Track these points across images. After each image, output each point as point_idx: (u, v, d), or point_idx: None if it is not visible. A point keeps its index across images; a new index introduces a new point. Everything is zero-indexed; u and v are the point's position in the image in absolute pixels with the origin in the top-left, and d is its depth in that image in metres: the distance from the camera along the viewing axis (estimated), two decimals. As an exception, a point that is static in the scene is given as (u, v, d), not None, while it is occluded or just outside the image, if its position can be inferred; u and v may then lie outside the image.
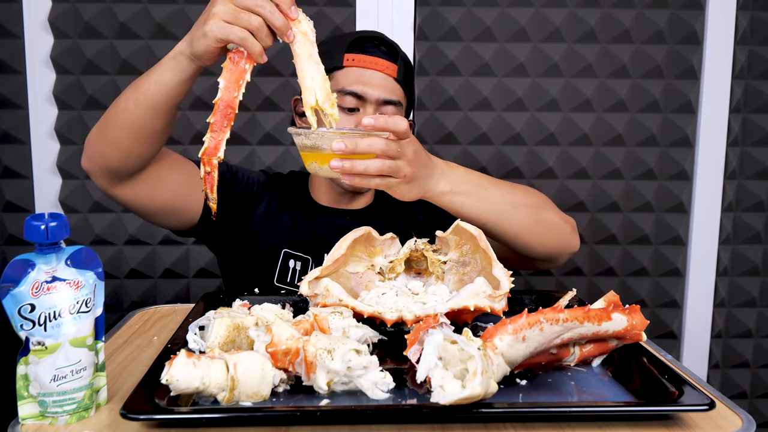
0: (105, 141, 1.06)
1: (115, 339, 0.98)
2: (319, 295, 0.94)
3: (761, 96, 1.86)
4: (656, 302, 1.92)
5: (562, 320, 0.75)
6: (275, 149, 1.80)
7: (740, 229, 1.91)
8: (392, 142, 0.93)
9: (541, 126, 1.83)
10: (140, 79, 1.03)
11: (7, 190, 1.77)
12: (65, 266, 0.72)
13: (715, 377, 1.95)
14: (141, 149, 1.07)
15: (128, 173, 1.09)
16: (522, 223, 1.11)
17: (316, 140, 0.91)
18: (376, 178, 0.94)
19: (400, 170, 0.95)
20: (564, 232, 1.17)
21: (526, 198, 1.14)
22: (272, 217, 1.29)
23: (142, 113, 1.02)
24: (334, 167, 0.91)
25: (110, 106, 1.06)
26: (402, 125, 0.93)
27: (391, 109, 1.22)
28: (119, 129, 1.04)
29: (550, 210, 1.17)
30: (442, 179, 1.04)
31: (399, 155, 0.94)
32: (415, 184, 0.99)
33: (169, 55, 0.99)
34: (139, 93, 1.01)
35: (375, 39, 1.27)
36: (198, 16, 0.94)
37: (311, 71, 0.91)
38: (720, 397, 0.78)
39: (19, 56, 1.72)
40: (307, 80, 0.91)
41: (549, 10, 1.79)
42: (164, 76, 0.99)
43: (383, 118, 0.92)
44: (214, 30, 0.90)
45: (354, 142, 0.90)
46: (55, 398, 0.70)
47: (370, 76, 1.22)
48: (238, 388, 0.71)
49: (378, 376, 0.75)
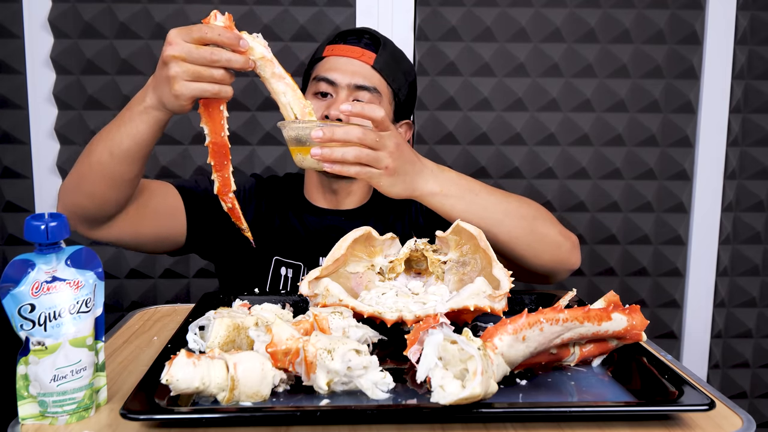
0: (80, 193, 1.05)
1: (115, 339, 0.98)
2: (319, 295, 0.94)
3: (761, 96, 1.86)
4: (656, 302, 1.92)
5: (562, 320, 0.75)
6: (275, 149, 1.80)
7: (740, 229, 1.91)
8: (370, 131, 0.95)
9: (541, 126, 1.83)
10: (110, 131, 1.02)
11: (7, 190, 1.77)
12: (65, 266, 0.72)
13: (715, 377, 1.95)
14: (117, 196, 1.07)
15: (107, 218, 1.09)
16: (515, 232, 1.08)
17: (298, 131, 0.96)
18: (355, 165, 0.95)
19: (380, 161, 0.96)
20: (561, 247, 1.13)
21: (521, 208, 1.11)
22: (261, 223, 1.29)
23: (118, 164, 1.02)
24: (314, 155, 0.94)
25: (81, 158, 1.06)
26: (378, 113, 0.95)
27: (367, 96, 1.22)
28: (95, 180, 1.03)
29: (548, 223, 1.13)
30: (431, 179, 1.03)
31: (378, 146, 0.95)
32: (400, 179, 0.99)
33: (137, 109, 0.98)
34: (114, 145, 1.01)
35: (361, 32, 1.28)
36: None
37: (281, 87, 0.97)
38: (720, 397, 0.78)
39: (19, 56, 1.72)
40: (281, 97, 0.97)
41: (549, 10, 1.79)
42: (137, 128, 0.99)
43: (359, 105, 0.95)
44: (183, 92, 0.91)
45: (331, 130, 0.93)
46: (55, 398, 0.70)
47: (344, 63, 1.23)
48: (238, 388, 0.71)
49: (378, 376, 0.75)
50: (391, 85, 1.26)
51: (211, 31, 0.92)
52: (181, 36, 0.91)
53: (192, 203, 1.22)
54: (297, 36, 1.75)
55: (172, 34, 0.92)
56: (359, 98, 1.22)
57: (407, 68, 1.31)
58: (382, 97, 1.24)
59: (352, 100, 1.22)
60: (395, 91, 1.27)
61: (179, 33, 0.92)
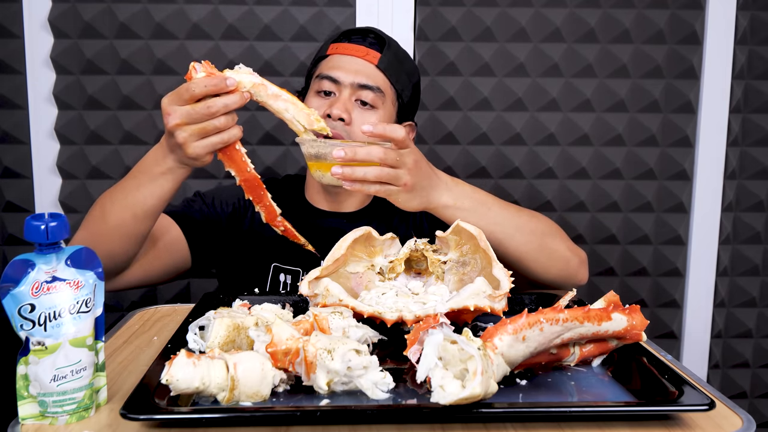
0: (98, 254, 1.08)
1: (115, 339, 0.98)
2: (319, 295, 0.94)
3: (761, 96, 1.86)
4: (656, 302, 1.92)
5: (562, 320, 0.75)
6: (275, 149, 1.80)
7: (740, 229, 1.91)
8: (391, 150, 0.95)
9: (541, 126, 1.83)
10: (126, 194, 1.03)
11: (7, 190, 1.77)
12: (65, 266, 0.72)
13: (715, 377, 1.95)
14: (135, 250, 1.10)
15: (120, 271, 1.11)
16: (525, 247, 1.10)
17: (319, 149, 0.97)
18: (375, 184, 0.97)
19: (400, 178, 0.97)
20: (570, 263, 1.16)
21: (532, 223, 1.13)
22: (259, 230, 1.27)
23: (140, 223, 1.05)
24: (334, 173, 0.95)
25: (93, 220, 1.07)
26: (399, 133, 0.95)
27: (370, 95, 1.21)
28: (113, 240, 1.05)
29: (558, 239, 1.16)
30: (445, 192, 1.05)
31: (398, 164, 0.96)
32: (417, 194, 1.01)
33: (157, 170, 1.00)
34: (137, 206, 1.03)
35: (366, 31, 1.28)
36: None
37: (281, 106, 0.98)
38: (720, 397, 0.78)
39: (19, 56, 1.72)
40: (284, 114, 0.98)
41: (549, 10, 1.79)
42: (162, 188, 1.02)
43: (381, 126, 0.95)
44: (197, 152, 0.94)
45: (353, 150, 0.94)
46: (55, 398, 0.70)
47: (348, 62, 1.23)
48: (238, 388, 0.71)
49: (378, 376, 0.75)
50: (395, 86, 1.26)
51: (197, 86, 0.92)
52: (174, 102, 0.94)
53: (191, 230, 1.23)
54: (297, 36, 1.75)
55: (165, 102, 0.95)
56: (362, 97, 1.21)
57: (411, 69, 1.31)
58: (386, 97, 1.24)
59: (355, 99, 1.21)
60: (399, 92, 1.27)
61: (171, 100, 0.94)
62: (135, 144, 1.76)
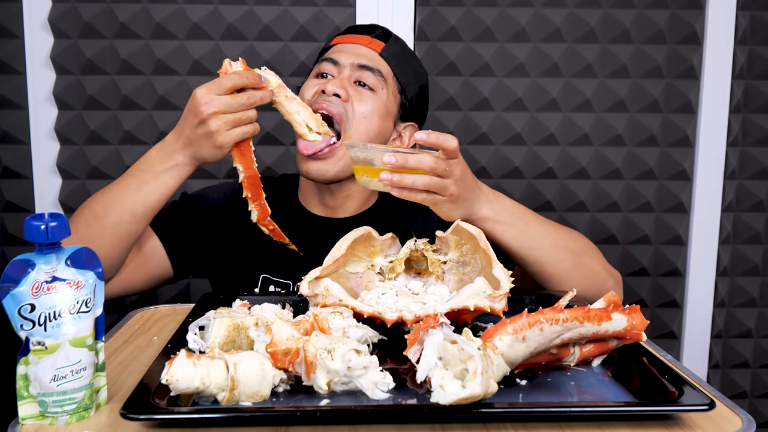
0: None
1: (115, 339, 0.98)
2: (319, 295, 0.94)
3: (761, 96, 1.86)
4: (656, 302, 1.92)
5: (562, 320, 0.75)
6: (275, 149, 1.80)
7: (740, 229, 1.91)
8: (441, 160, 0.96)
9: (541, 126, 1.83)
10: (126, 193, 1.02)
11: (7, 190, 1.77)
12: (65, 266, 0.72)
13: (715, 377, 1.95)
14: (125, 255, 1.09)
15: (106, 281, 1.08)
16: (561, 264, 1.09)
17: (369, 153, 0.97)
18: (422, 193, 0.97)
19: (447, 188, 0.97)
20: (606, 283, 1.13)
21: (569, 241, 1.12)
22: (249, 236, 1.20)
23: (137, 223, 1.04)
24: (383, 179, 0.95)
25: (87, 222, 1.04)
26: (452, 143, 0.95)
27: (371, 77, 1.18)
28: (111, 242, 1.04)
29: (594, 258, 1.14)
30: (486, 205, 1.05)
31: (447, 174, 0.96)
32: (460, 205, 1.01)
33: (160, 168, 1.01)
34: (137, 205, 1.02)
35: (373, 26, 1.27)
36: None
37: (294, 108, 1.04)
38: (720, 397, 0.78)
39: (19, 56, 1.72)
40: (294, 116, 1.04)
41: (549, 10, 1.79)
42: (166, 185, 1.02)
43: (435, 134, 0.95)
44: (227, 141, 0.98)
45: (404, 157, 0.94)
46: (55, 398, 0.70)
47: (350, 47, 1.22)
48: (238, 388, 0.71)
49: (378, 376, 0.75)
50: (399, 77, 1.22)
51: (240, 77, 0.98)
52: (213, 91, 0.96)
53: (168, 237, 1.19)
54: (297, 36, 1.75)
55: (202, 92, 0.97)
56: (362, 78, 1.18)
57: (420, 70, 1.28)
58: (386, 84, 1.20)
59: (354, 81, 1.18)
60: (403, 86, 1.23)
61: (209, 89, 0.97)
62: (135, 144, 1.76)
